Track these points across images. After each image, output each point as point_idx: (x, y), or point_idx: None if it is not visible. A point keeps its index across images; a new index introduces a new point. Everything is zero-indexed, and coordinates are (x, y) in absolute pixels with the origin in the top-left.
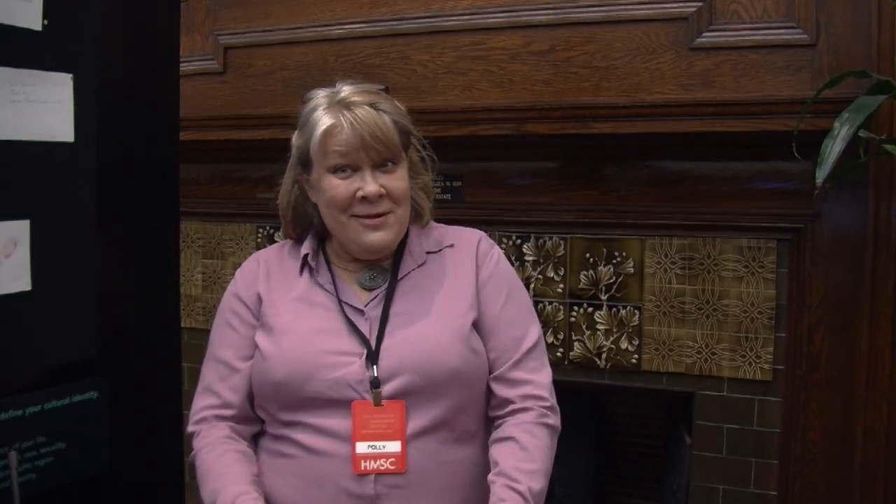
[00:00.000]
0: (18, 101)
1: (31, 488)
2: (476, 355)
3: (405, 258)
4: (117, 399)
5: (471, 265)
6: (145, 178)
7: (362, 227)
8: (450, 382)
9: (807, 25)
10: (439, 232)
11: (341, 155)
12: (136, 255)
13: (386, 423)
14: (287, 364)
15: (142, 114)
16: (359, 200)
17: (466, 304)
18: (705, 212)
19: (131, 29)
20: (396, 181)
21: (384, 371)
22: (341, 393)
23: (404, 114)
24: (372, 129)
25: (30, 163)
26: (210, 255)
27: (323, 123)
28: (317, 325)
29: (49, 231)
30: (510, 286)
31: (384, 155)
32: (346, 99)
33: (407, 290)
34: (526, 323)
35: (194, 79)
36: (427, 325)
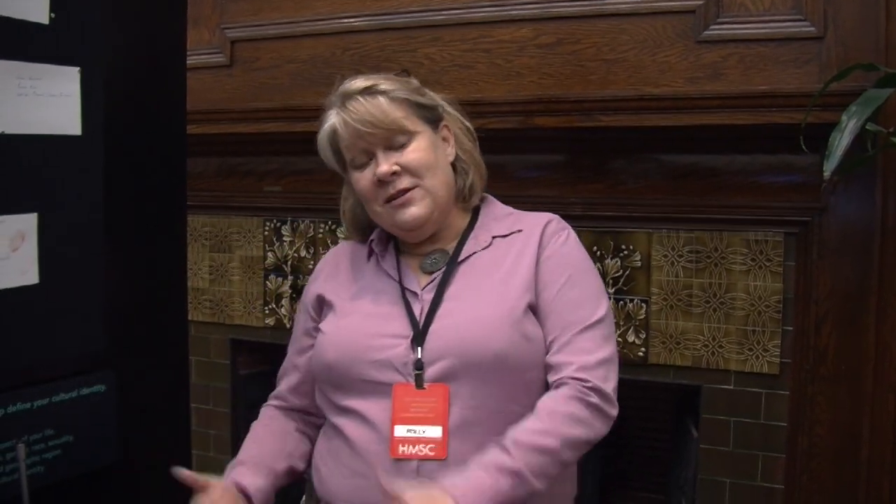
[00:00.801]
0: (26, 94)
1: (39, 481)
2: (528, 341)
3: (469, 241)
4: (125, 392)
5: (534, 247)
6: (152, 172)
7: (393, 210)
8: (495, 368)
9: (814, 18)
10: (515, 217)
11: (349, 149)
12: (143, 249)
13: (427, 407)
14: (338, 346)
15: (149, 107)
16: (378, 184)
17: (521, 287)
18: (712, 205)
19: (138, 22)
20: (411, 154)
21: (429, 354)
22: (386, 375)
23: (415, 88)
24: (362, 118)
25: (37, 156)
26: (217, 248)
27: (324, 129)
28: (373, 309)
29: (56, 224)
30: (575, 268)
31: (387, 135)
32: (345, 92)
33: (465, 272)
34: (586, 306)
35: (201, 72)
36: (476, 308)
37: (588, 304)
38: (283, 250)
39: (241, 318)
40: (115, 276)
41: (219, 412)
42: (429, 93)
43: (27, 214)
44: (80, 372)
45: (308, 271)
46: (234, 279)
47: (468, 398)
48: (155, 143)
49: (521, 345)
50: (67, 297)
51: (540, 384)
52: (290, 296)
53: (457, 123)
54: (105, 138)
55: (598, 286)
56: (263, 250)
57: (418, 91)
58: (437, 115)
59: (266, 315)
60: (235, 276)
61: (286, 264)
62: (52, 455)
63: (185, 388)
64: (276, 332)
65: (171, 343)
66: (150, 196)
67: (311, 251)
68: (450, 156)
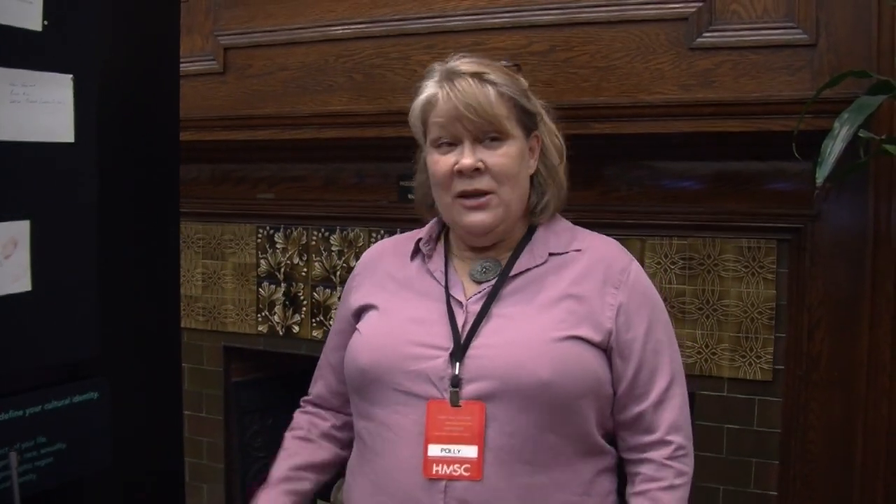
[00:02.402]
0: (18, 101)
1: (32, 489)
2: (577, 370)
3: (524, 255)
4: (117, 399)
5: (599, 278)
6: (145, 179)
7: (462, 208)
8: (537, 395)
9: (807, 25)
10: (571, 234)
11: (440, 127)
12: (136, 256)
13: (462, 426)
14: (374, 349)
15: (142, 114)
16: (456, 175)
17: (580, 317)
18: (705, 212)
19: (132, 29)
20: (499, 157)
21: (468, 371)
22: (421, 388)
23: (524, 91)
24: (468, 100)
25: (30, 163)
26: (210, 255)
27: (424, 95)
28: (413, 313)
29: (49, 231)
30: (651, 307)
31: (483, 128)
32: (452, 69)
33: (517, 288)
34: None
35: (194, 79)
36: (525, 330)
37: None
38: (276, 257)
39: (234, 325)
40: (107, 283)
41: (212, 419)
42: (533, 98)
43: (19, 221)
44: (72, 379)
45: (301, 278)
46: (227, 286)
47: (505, 423)
48: (148, 149)
49: (570, 375)
50: (60, 305)
51: (582, 414)
52: (283, 303)
53: (550, 135)
54: (98, 145)
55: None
56: (256, 257)
57: (525, 94)
58: (533, 123)
59: (259, 322)
60: (228, 283)
61: (279, 271)
62: (45, 463)
63: (177, 396)
64: (270, 339)
65: (163, 350)
66: (143, 203)
67: (305, 258)
68: (531, 168)
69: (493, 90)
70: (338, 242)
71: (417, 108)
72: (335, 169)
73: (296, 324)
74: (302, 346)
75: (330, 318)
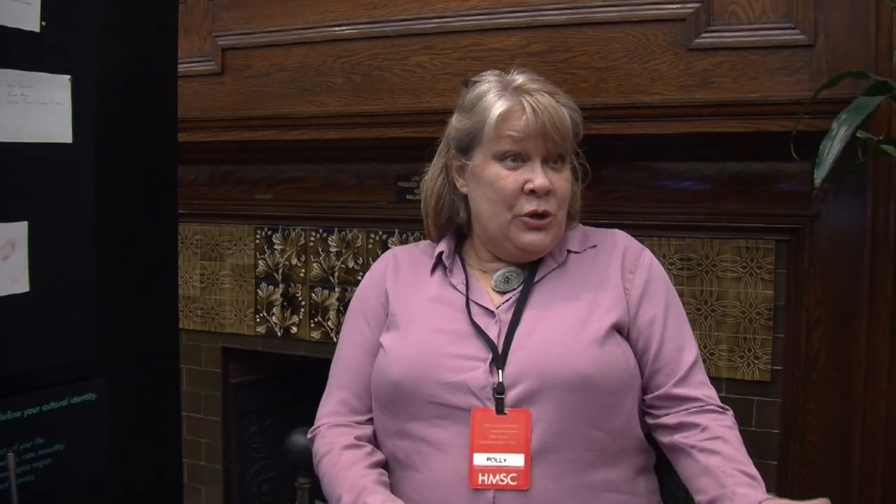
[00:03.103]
0: (16, 102)
1: (30, 490)
2: (613, 362)
3: (546, 259)
4: (116, 401)
5: (617, 266)
6: (143, 180)
7: (524, 228)
8: (578, 389)
9: (805, 26)
10: (583, 232)
11: (515, 141)
12: (134, 257)
13: (509, 434)
14: (406, 363)
15: (140, 115)
16: (526, 194)
17: (606, 307)
18: (703, 212)
19: (130, 30)
20: (563, 181)
21: (509, 377)
22: (461, 399)
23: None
24: (553, 118)
25: (28, 164)
26: (208, 256)
27: (501, 105)
28: (443, 325)
29: (47, 233)
30: (667, 292)
31: (558, 149)
32: (523, 85)
33: (543, 291)
34: (686, 330)
35: (193, 80)
36: (558, 328)
37: (686, 329)
38: (274, 258)
39: (233, 326)
40: (106, 284)
41: (210, 420)
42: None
43: (18, 223)
44: (70, 380)
45: (300, 279)
46: (226, 287)
47: (550, 422)
48: (146, 150)
49: (606, 366)
50: (58, 306)
51: (623, 409)
52: (281, 304)
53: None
54: (96, 146)
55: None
56: (255, 258)
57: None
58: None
59: (257, 323)
60: (227, 284)
61: (277, 272)
62: (43, 464)
63: (176, 397)
64: (268, 340)
65: (162, 351)
66: (142, 204)
67: (303, 259)
68: None
69: (567, 112)
70: (336, 243)
71: (493, 117)
72: (334, 170)
73: (294, 325)
74: (300, 347)
75: (328, 318)
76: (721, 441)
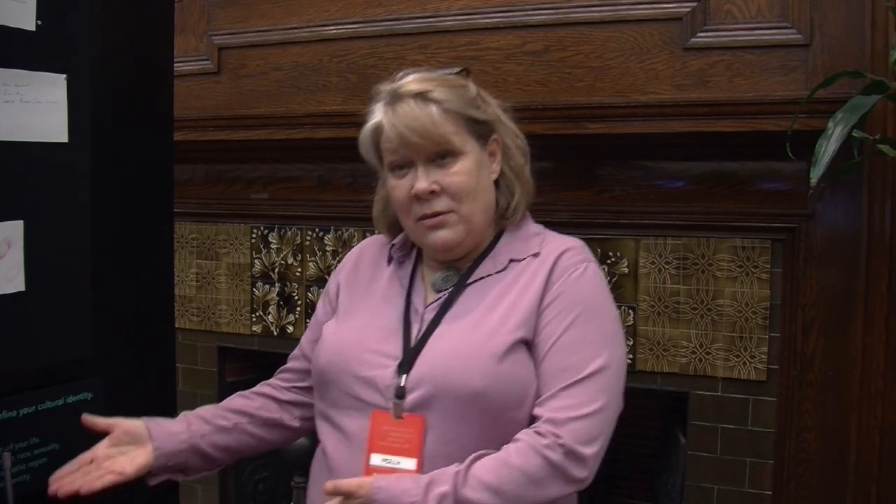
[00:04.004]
0: (12, 101)
1: (25, 489)
2: (514, 379)
3: (486, 262)
4: (111, 400)
5: (542, 278)
6: (139, 179)
7: (424, 229)
8: (473, 404)
9: (801, 25)
10: (540, 239)
11: (392, 152)
12: (130, 256)
13: (403, 438)
14: (331, 352)
15: (136, 114)
16: (413, 200)
17: (515, 323)
18: (699, 212)
19: (125, 29)
20: (452, 176)
21: (412, 380)
22: (368, 395)
23: (473, 98)
24: (411, 125)
25: (23, 163)
26: (204, 255)
27: (370, 123)
28: (375, 319)
29: (43, 232)
30: (583, 307)
31: (433, 149)
32: (396, 91)
33: (472, 295)
34: (584, 353)
35: (188, 79)
36: (465, 338)
37: (588, 350)
38: (270, 257)
39: (229, 325)
40: (101, 283)
41: None
42: (486, 101)
43: (13, 222)
44: (66, 380)
45: (296, 278)
46: (221, 286)
47: (442, 430)
48: (142, 150)
49: (505, 383)
50: (54, 305)
51: (519, 424)
52: (277, 303)
53: (510, 136)
54: (92, 145)
55: (608, 330)
56: (250, 257)
57: (474, 103)
58: (488, 129)
59: (253, 322)
60: (222, 283)
61: (273, 272)
62: (38, 463)
63: (172, 396)
64: (264, 339)
65: (157, 350)
66: (137, 203)
67: (299, 258)
68: (494, 173)
69: (437, 108)
70: (332, 242)
71: (367, 136)
72: (329, 169)
73: (290, 324)
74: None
75: None
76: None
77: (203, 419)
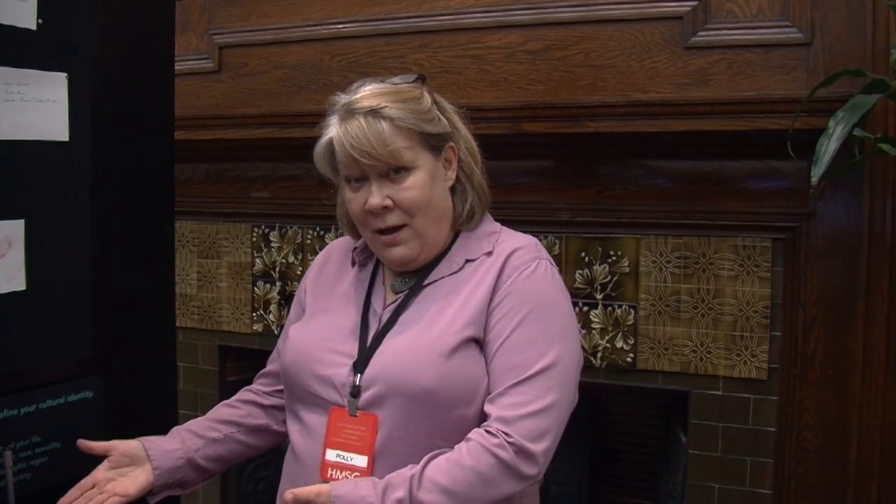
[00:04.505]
0: (13, 100)
1: (26, 488)
2: (463, 377)
3: (441, 264)
4: (112, 399)
5: (493, 276)
6: (140, 178)
7: (380, 244)
8: (420, 401)
9: (802, 24)
10: (496, 237)
11: (345, 166)
12: (130, 255)
13: (356, 435)
14: (293, 351)
15: (137, 113)
16: (368, 214)
17: (464, 321)
18: (700, 211)
19: (126, 28)
20: (405, 191)
21: (366, 379)
22: (327, 393)
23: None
24: (360, 144)
25: (24, 162)
26: (205, 254)
27: (323, 140)
28: (337, 320)
29: (44, 230)
30: (533, 305)
31: (385, 165)
32: (349, 106)
33: (427, 296)
34: (532, 351)
35: (189, 78)
36: (415, 338)
37: (536, 348)
38: (271, 256)
39: (229, 324)
40: (102, 282)
41: None
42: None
43: (14, 220)
44: (67, 378)
45: (297, 277)
46: (222, 285)
47: (392, 427)
48: (143, 148)
49: (453, 380)
50: (55, 304)
51: (467, 421)
52: (278, 302)
53: (465, 143)
54: (92, 144)
55: (559, 327)
56: (251, 256)
57: (428, 115)
58: (442, 140)
59: (254, 321)
60: (223, 282)
61: (274, 270)
62: (39, 462)
63: (172, 395)
64: (265, 338)
65: (158, 349)
66: (138, 202)
67: (300, 257)
68: (449, 180)
69: (389, 125)
70: None
71: (321, 151)
72: None
73: None
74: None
75: None
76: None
77: (195, 434)
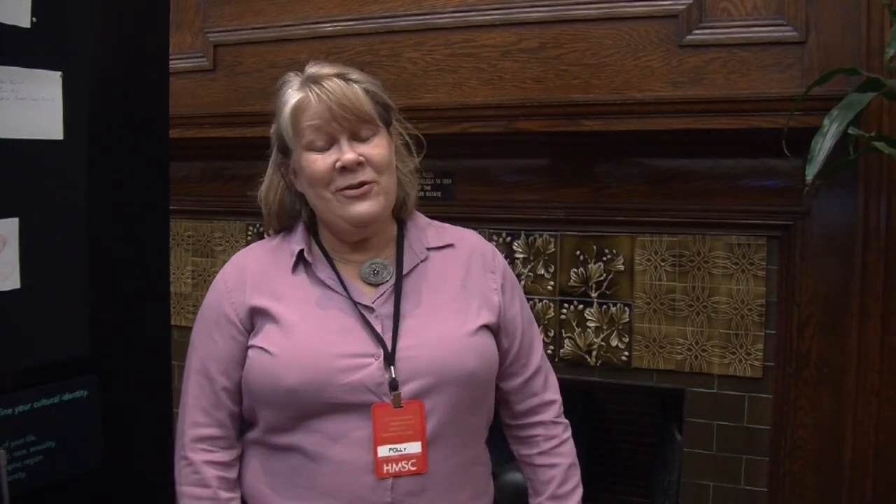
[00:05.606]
0: (7, 98)
1: (21, 487)
2: (490, 357)
3: (406, 252)
4: (107, 397)
5: (478, 267)
6: (135, 176)
7: (347, 200)
8: (466, 385)
9: (797, 23)
10: (435, 229)
11: (315, 129)
12: (125, 253)
13: (406, 425)
14: (300, 368)
15: (131, 111)
16: (338, 171)
17: (479, 306)
18: (695, 209)
19: (121, 26)
20: (375, 148)
21: (402, 373)
22: (359, 397)
23: (380, 86)
24: (339, 99)
25: (19, 161)
26: (200, 252)
27: (291, 100)
28: (326, 323)
29: (38, 229)
30: (521, 291)
31: (358, 124)
32: (314, 75)
33: (413, 286)
34: (533, 325)
35: (184, 76)
36: (441, 327)
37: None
38: None
39: None
40: (97, 281)
41: None
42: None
43: (8, 219)
44: (62, 377)
45: None
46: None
47: (442, 413)
48: (137, 147)
49: (485, 361)
50: (49, 303)
51: (491, 396)
52: None
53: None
54: (87, 142)
55: None
56: None
57: (382, 89)
58: (391, 118)
59: None
60: None
61: None
62: (34, 461)
63: (167, 394)
64: None
65: (153, 348)
66: (133, 201)
67: None
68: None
69: (359, 87)
70: None
71: (287, 114)
72: None
73: None
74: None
75: None
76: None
77: None
